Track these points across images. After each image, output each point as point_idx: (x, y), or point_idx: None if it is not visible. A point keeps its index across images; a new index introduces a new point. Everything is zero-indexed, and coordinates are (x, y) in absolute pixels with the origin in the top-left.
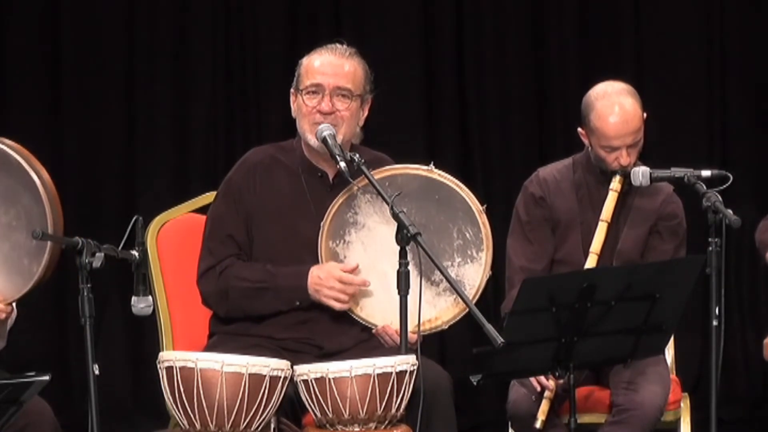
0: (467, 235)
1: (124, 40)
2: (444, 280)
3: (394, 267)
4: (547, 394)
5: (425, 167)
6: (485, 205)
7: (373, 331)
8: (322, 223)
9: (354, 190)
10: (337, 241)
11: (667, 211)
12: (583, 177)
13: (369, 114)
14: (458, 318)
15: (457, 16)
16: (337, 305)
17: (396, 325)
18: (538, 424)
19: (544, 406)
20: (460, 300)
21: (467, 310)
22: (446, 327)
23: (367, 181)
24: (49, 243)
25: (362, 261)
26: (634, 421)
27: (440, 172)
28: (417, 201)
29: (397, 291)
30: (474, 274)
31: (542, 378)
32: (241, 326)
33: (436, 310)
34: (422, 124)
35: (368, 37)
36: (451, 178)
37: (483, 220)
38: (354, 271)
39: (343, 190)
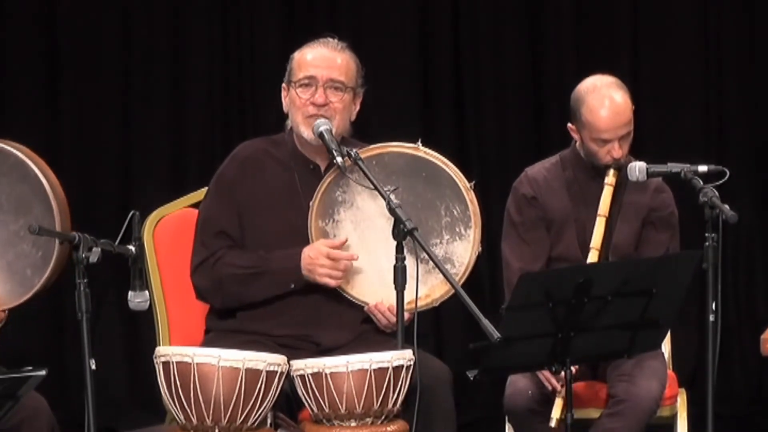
0: (455, 212)
1: (120, 37)
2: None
3: (385, 244)
4: (561, 392)
5: (412, 145)
6: (473, 182)
7: (365, 308)
8: (311, 203)
9: (350, 181)
10: (327, 220)
11: (658, 201)
12: (574, 174)
13: (365, 110)
14: (449, 295)
15: (454, 13)
16: (332, 282)
17: (388, 301)
18: (552, 424)
19: (558, 405)
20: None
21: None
22: (437, 305)
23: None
24: (53, 258)
25: (352, 239)
26: (630, 413)
27: (427, 149)
28: (404, 179)
29: (386, 266)
30: (463, 252)
31: (552, 379)
32: (238, 323)
33: (426, 287)
34: (418, 119)
35: (365, 34)
36: (438, 155)
37: (470, 197)
38: (341, 246)
39: (337, 180)
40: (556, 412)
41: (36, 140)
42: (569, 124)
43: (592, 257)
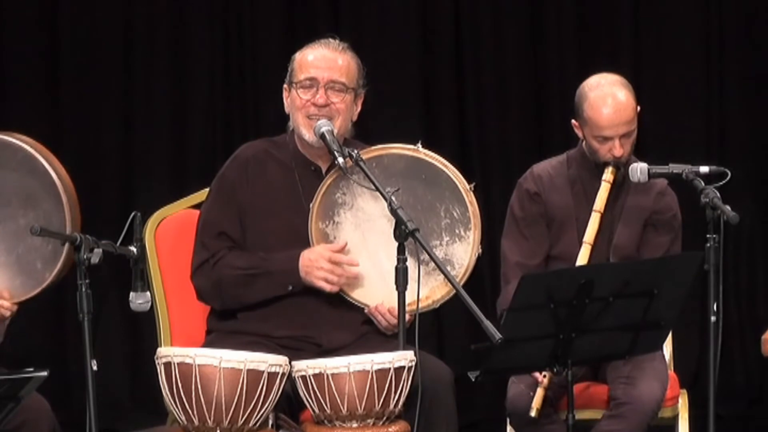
0: (455, 214)
1: (121, 36)
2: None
3: (385, 246)
4: (543, 383)
5: (412, 146)
6: (473, 184)
7: (366, 311)
8: (311, 204)
9: (351, 182)
10: (327, 222)
11: (661, 204)
12: (578, 172)
13: (367, 110)
14: (449, 297)
15: (456, 13)
16: (327, 287)
17: (388, 303)
18: (533, 413)
19: (539, 396)
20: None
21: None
22: (437, 306)
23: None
24: (64, 251)
25: (353, 240)
26: (632, 415)
27: (426, 151)
28: (404, 180)
29: (387, 268)
30: (462, 253)
31: (536, 373)
32: (239, 324)
33: (427, 288)
34: (420, 119)
35: (366, 34)
36: (438, 157)
37: (470, 198)
38: (342, 249)
39: (337, 182)
40: (536, 402)
41: (37, 140)
42: (573, 121)
43: (584, 252)
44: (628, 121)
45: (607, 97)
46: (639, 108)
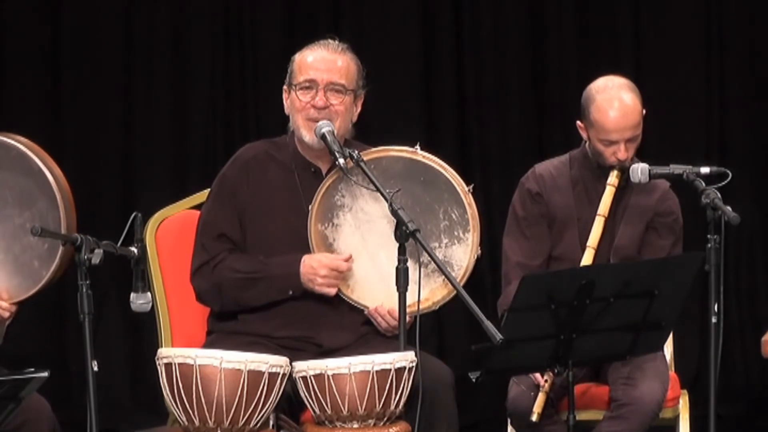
0: (453, 216)
1: (122, 37)
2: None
3: (386, 247)
4: (544, 387)
5: (410, 149)
6: (471, 185)
7: (365, 312)
8: (310, 207)
9: (351, 183)
10: (326, 224)
11: (663, 207)
12: (580, 173)
13: (367, 110)
14: (449, 298)
15: (456, 14)
16: (331, 291)
17: (388, 304)
18: (534, 418)
19: (540, 400)
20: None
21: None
22: (436, 308)
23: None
24: (60, 249)
25: (352, 242)
26: (632, 416)
27: (425, 153)
28: (403, 182)
29: (387, 270)
30: (462, 255)
31: (536, 374)
32: (240, 324)
33: (427, 290)
34: (420, 120)
35: (367, 35)
36: (436, 159)
37: (469, 200)
38: (348, 260)
39: (336, 184)
40: (538, 407)
41: (38, 142)
42: (578, 122)
43: (588, 256)
44: (634, 125)
45: (614, 101)
46: (644, 112)
